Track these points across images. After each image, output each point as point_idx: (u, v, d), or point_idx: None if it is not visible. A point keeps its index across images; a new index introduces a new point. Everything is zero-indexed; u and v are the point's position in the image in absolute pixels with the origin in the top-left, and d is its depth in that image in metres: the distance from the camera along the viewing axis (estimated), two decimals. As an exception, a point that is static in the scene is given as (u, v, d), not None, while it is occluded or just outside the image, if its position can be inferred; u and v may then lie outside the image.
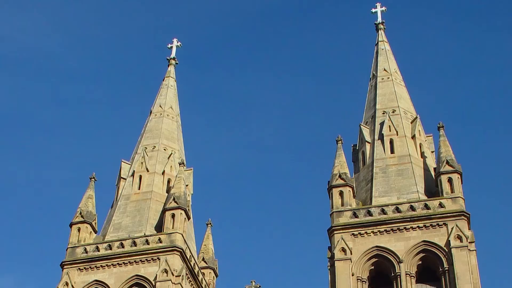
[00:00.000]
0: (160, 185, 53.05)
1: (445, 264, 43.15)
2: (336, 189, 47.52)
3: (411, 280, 43.44)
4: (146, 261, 47.48)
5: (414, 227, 44.84)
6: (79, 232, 49.97)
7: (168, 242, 47.92)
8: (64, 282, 47.43)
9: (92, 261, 48.12)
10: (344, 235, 45.26)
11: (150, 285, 46.47)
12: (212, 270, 54.27)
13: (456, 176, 46.51)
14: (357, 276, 43.95)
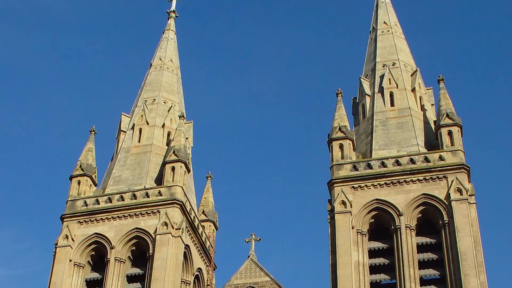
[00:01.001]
0: (160, 138, 51.99)
1: (445, 217, 42.27)
2: (336, 142, 46.50)
3: (411, 233, 42.58)
4: (146, 214, 46.54)
5: (414, 180, 43.94)
6: (79, 185, 49.06)
7: (168, 195, 46.96)
8: (64, 235, 46.55)
9: (92, 214, 47.22)
10: (344, 188, 44.37)
11: (150, 238, 45.56)
12: (212, 223, 53.38)
13: (456, 129, 45.54)
14: (357, 229, 43.09)
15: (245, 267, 43.74)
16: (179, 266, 45.21)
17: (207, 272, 50.40)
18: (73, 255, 45.83)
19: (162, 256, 44.27)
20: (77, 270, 45.70)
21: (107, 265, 45.29)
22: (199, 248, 49.52)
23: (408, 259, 41.49)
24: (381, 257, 42.69)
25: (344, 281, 40.95)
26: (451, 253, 40.94)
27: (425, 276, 41.70)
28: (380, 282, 42.16)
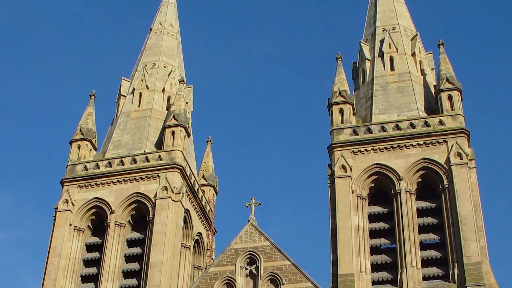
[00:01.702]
0: (160, 102, 50.99)
1: (445, 181, 41.49)
2: (336, 107, 45.55)
3: (411, 197, 41.84)
4: (146, 178, 45.64)
5: (414, 144, 43.10)
6: (79, 150, 48.13)
7: (168, 159, 46.06)
8: (64, 200, 45.73)
9: (92, 179, 46.35)
10: (344, 153, 43.51)
11: (150, 202, 44.72)
12: (212, 187, 52.56)
13: (456, 93, 44.61)
14: (357, 193, 42.34)
15: (245, 232, 42.90)
16: (179, 230, 44.50)
17: (207, 236, 49.77)
18: (73, 219, 45.05)
19: (162, 220, 43.48)
20: (77, 234, 44.97)
21: (107, 230, 44.54)
22: (199, 212, 48.79)
23: (408, 223, 40.79)
24: (381, 222, 42.02)
25: (344, 246, 40.31)
26: (451, 218, 40.26)
27: (425, 241, 41.03)
28: (380, 246, 41.45)
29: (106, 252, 43.69)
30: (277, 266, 41.02)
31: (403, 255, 39.84)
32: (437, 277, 39.43)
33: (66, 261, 43.70)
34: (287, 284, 40.26)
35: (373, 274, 40.23)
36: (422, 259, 40.03)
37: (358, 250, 40.30)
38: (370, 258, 40.64)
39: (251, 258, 41.73)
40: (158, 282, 41.36)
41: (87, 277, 43.94)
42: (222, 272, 41.50)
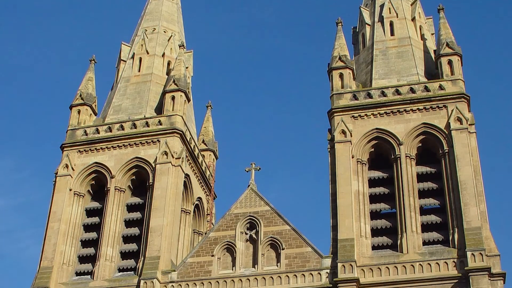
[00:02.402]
0: (160, 67, 49.82)
1: (445, 146, 40.71)
2: (336, 72, 44.52)
3: (411, 162, 41.04)
4: (146, 143, 44.65)
5: (414, 109, 42.21)
6: (79, 114, 47.02)
7: (168, 124, 45.00)
8: (64, 164, 44.72)
9: (92, 143, 45.31)
10: (344, 117, 42.62)
11: (150, 167, 43.76)
12: (212, 152, 51.61)
13: (456, 58, 43.61)
14: (357, 158, 41.51)
15: (245, 197, 42.00)
16: (179, 195, 43.65)
17: (207, 201, 48.98)
18: (73, 184, 44.19)
19: (162, 185, 42.62)
20: (77, 199, 44.11)
21: (107, 195, 43.68)
22: (199, 177, 47.89)
23: (408, 188, 40.10)
24: (381, 186, 41.27)
25: (344, 210, 39.61)
26: (451, 183, 39.58)
27: (425, 205, 40.36)
28: (380, 211, 40.75)
29: (106, 217, 42.85)
30: (277, 231, 40.26)
31: (403, 220, 39.14)
32: (437, 242, 38.72)
33: (66, 226, 42.89)
34: (287, 249, 39.49)
35: (373, 239, 39.55)
36: (422, 224, 39.33)
37: (358, 215, 39.61)
38: (370, 223, 39.96)
39: (251, 223, 40.95)
40: (158, 247, 40.60)
41: (87, 242, 43.15)
42: (222, 237, 40.73)
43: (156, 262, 40.04)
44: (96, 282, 40.70)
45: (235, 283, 39.07)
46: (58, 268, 41.46)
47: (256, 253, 39.93)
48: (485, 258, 36.50)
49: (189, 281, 39.62)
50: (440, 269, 37.22)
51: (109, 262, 41.50)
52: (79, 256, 42.58)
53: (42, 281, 40.64)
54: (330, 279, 37.91)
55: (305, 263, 38.83)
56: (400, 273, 37.51)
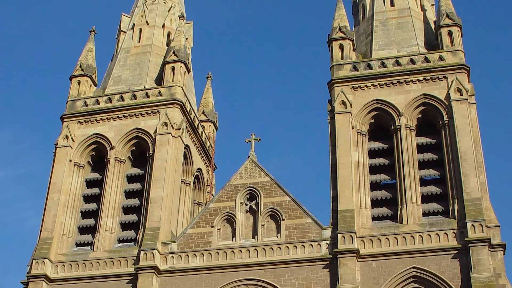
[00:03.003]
0: (160, 38, 48.76)
1: (445, 117, 39.87)
2: (336, 42, 43.50)
3: (411, 133, 40.22)
4: (146, 114, 43.67)
5: (414, 80, 41.27)
6: (79, 85, 46.00)
7: (168, 95, 44.00)
8: (64, 135, 43.83)
9: (92, 114, 44.35)
10: (344, 88, 41.68)
11: (150, 138, 42.84)
12: (212, 123, 50.75)
13: (456, 29, 42.61)
14: (357, 129, 40.70)
15: (245, 168, 41.12)
16: (179, 166, 42.76)
17: (207, 172, 48.18)
18: (73, 155, 43.32)
19: (162, 156, 41.73)
20: (77, 170, 43.27)
21: (107, 165, 42.84)
22: (199, 148, 47.04)
23: (408, 159, 39.36)
24: (381, 157, 40.54)
25: (344, 181, 38.86)
26: (451, 153, 38.84)
27: (425, 176, 39.67)
28: (380, 182, 40.01)
29: (106, 188, 42.07)
30: (277, 202, 39.48)
31: (403, 191, 38.46)
32: (437, 212, 38.07)
33: (66, 197, 42.12)
34: (287, 220, 38.71)
35: (373, 209, 38.88)
36: (422, 195, 38.64)
37: (358, 186, 38.93)
38: (370, 193, 39.27)
39: (251, 194, 40.16)
40: (158, 218, 39.83)
41: (87, 213, 42.39)
42: (222, 208, 39.95)
43: (156, 233, 39.24)
44: (96, 253, 39.93)
45: (235, 254, 38.31)
46: (58, 239, 40.72)
47: (256, 224, 39.16)
48: (485, 229, 35.79)
49: (189, 252, 38.83)
50: (440, 240, 36.45)
51: (109, 233, 40.75)
52: (79, 227, 41.83)
53: (42, 252, 39.89)
54: (330, 250, 37.19)
55: (305, 234, 38.04)
56: (400, 244, 36.74)
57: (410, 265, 35.95)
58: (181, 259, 38.76)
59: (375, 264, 36.42)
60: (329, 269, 36.72)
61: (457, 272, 35.40)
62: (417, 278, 35.76)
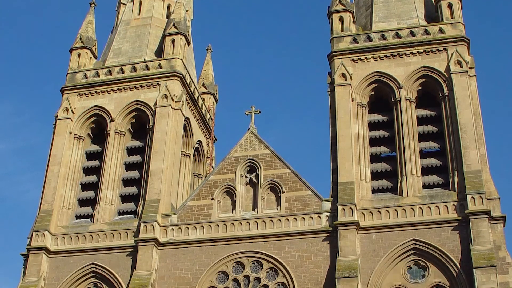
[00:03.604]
0: (160, 10, 47.53)
1: (445, 89, 38.91)
2: (336, 15, 42.39)
3: (411, 105, 39.28)
4: (146, 86, 42.58)
5: (414, 52, 40.25)
6: (79, 58, 44.90)
7: (168, 67, 42.89)
8: (64, 108, 42.78)
9: (92, 87, 43.27)
10: (344, 61, 40.64)
11: (150, 110, 41.80)
12: (212, 95, 49.66)
13: (456, 1, 41.65)
14: (357, 101, 39.71)
15: (245, 140, 40.12)
16: (179, 138, 41.82)
17: (207, 144, 47.24)
18: (73, 127, 42.36)
19: (162, 128, 40.75)
20: (77, 142, 42.30)
21: (107, 138, 41.86)
22: (199, 120, 46.07)
23: (408, 131, 38.51)
24: (381, 130, 39.67)
25: (344, 154, 37.95)
26: (451, 126, 38.00)
27: (425, 149, 38.78)
28: (380, 154, 39.09)
29: (106, 160, 41.12)
30: (277, 174, 38.56)
31: (403, 163, 37.62)
32: (437, 185, 37.25)
33: (66, 169, 41.18)
34: (287, 192, 37.81)
35: (373, 182, 38.05)
36: (422, 167, 37.82)
37: (358, 158, 38.06)
38: (370, 166, 38.45)
39: (251, 166, 39.24)
40: (158, 190, 38.93)
41: (87, 185, 41.50)
42: (222, 180, 39.04)
43: (156, 206, 38.35)
44: (96, 226, 39.08)
45: (235, 226, 37.43)
46: (58, 212, 39.82)
47: (256, 196, 38.25)
48: (485, 201, 35.01)
49: (189, 224, 37.95)
50: (440, 212, 35.65)
51: (109, 206, 39.86)
52: (79, 200, 40.91)
53: (42, 224, 39.00)
54: (330, 222, 36.32)
55: (305, 206, 37.13)
56: (400, 216, 35.93)
57: (410, 237, 35.15)
58: (181, 232, 37.91)
59: (375, 236, 35.62)
60: (329, 241, 35.90)
61: (457, 244, 34.63)
62: (417, 251, 34.97)
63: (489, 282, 32.76)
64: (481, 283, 32.76)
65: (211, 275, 36.51)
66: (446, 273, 34.27)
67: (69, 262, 38.08)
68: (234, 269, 36.57)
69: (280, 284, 35.78)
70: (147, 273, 36.38)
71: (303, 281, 35.29)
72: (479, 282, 32.80)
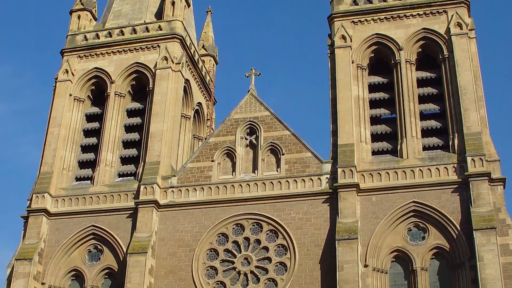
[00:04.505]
0: (160, -28, 45.51)
1: (445, 51, 37.34)
2: (336, -23, 40.68)
3: (411, 67, 37.73)
4: (146, 48, 40.93)
5: (414, 14, 38.60)
6: (79, 20, 43.17)
7: (168, 29, 41.18)
8: (64, 70, 41.13)
9: (92, 49, 41.60)
10: (344, 23, 39.00)
11: (150, 72, 40.16)
12: (212, 57, 47.97)
13: None
14: (357, 63, 38.14)
15: (245, 102, 38.56)
16: (179, 100, 40.25)
17: (207, 106, 45.65)
18: (73, 89, 40.76)
19: (162, 90, 39.17)
20: (77, 104, 40.74)
21: (107, 100, 40.30)
22: (199, 82, 44.39)
23: (408, 93, 37.00)
24: (381, 92, 38.14)
25: (344, 115, 36.46)
26: (451, 88, 36.48)
27: (425, 111, 37.35)
28: (380, 116, 37.64)
29: (106, 122, 39.62)
30: (277, 136, 37.05)
31: (403, 125, 36.20)
32: (437, 147, 35.87)
33: (66, 131, 39.71)
34: (287, 154, 36.32)
35: (373, 144, 36.62)
36: (422, 129, 36.40)
37: (358, 120, 36.60)
38: (370, 128, 37.00)
39: (251, 128, 37.73)
40: (158, 152, 37.47)
41: (87, 147, 40.03)
42: (222, 142, 37.53)
43: (156, 167, 36.88)
44: (96, 187, 37.68)
45: (235, 188, 36.00)
46: (58, 173, 38.39)
47: (256, 159, 36.76)
48: (485, 163, 33.61)
49: (189, 186, 36.51)
50: (440, 174, 34.23)
51: (109, 168, 38.43)
52: (79, 162, 39.48)
53: (42, 186, 37.60)
54: (330, 184, 34.89)
55: (305, 169, 35.64)
56: (400, 178, 34.51)
57: (410, 199, 33.79)
58: (181, 194, 36.50)
59: (375, 198, 34.25)
60: (329, 203, 34.52)
61: (457, 206, 33.28)
62: (417, 213, 33.65)
63: (489, 244, 31.45)
64: (481, 245, 31.45)
65: (211, 237, 35.21)
66: (446, 235, 32.98)
67: (69, 224, 36.78)
68: (234, 231, 35.28)
69: (280, 246, 34.49)
70: (147, 235, 35.05)
71: (303, 243, 33.98)
72: (479, 244, 31.48)
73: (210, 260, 34.97)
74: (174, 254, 35.14)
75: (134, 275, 33.97)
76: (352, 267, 32.12)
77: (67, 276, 36.25)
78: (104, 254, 36.09)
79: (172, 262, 35.00)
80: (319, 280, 33.09)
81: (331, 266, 32.76)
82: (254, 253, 34.65)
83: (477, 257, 31.25)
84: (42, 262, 36.10)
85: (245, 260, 34.71)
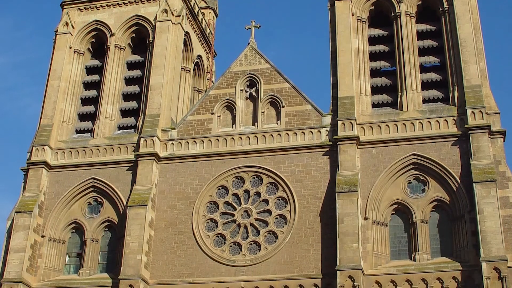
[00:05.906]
0: None
1: (445, 4, 35.06)
2: None
3: (411, 20, 35.44)
4: (146, 1, 38.55)
5: None
6: (80, -25, 40.43)
7: (168, -19, 38.59)
8: (64, 22, 38.70)
9: (92, 1, 39.15)
10: (345, -25, 36.52)
11: (150, 25, 37.76)
12: (212, 10, 45.16)
13: None
14: (357, 16, 35.75)
15: (245, 55, 36.24)
16: (179, 53, 37.90)
17: (207, 59, 43.17)
18: (73, 42, 38.40)
19: (162, 43, 36.82)
20: (77, 57, 38.36)
21: (107, 52, 37.94)
22: (199, 35, 41.89)
23: (408, 46, 34.74)
24: (381, 44, 35.82)
25: (344, 68, 34.18)
26: (451, 40, 34.24)
27: (425, 63, 35.06)
28: (380, 69, 35.36)
29: (106, 74, 37.28)
30: (277, 89, 34.78)
31: (403, 78, 33.99)
32: (437, 99, 33.70)
33: (66, 84, 37.39)
34: (287, 107, 34.11)
35: (373, 96, 34.44)
36: (422, 81, 34.18)
37: (358, 73, 34.36)
38: (370, 80, 34.78)
39: (251, 81, 35.45)
40: (158, 105, 35.27)
41: (87, 100, 37.77)
42: (222, 95, 35.28)
43: (156, 120, 34.70)
44: (96, 140, 35.52)
45: (235, 140, 33.84)
46: (58, 126, 36.21)
47: (256, 111, 34.57)
48: (485, 116, 31.54)
49: (189, 139, 34.35)
50: (440, 127, 32.15)
51: (109, 120, 36.23)
52: (79, 114, 37.23)
53: (42, 138, 35.43)
54: (330, 136, 32.76)
55: (305, 121, 33.46)
56: (400, 131, 32.43)
57: (410, 152, 31.73)
58: (181, 146, 34.35)
59: (375, 151, 32.14)
60: (329, 156, 32.42)
61: (457, 159, 31.23)
62: (417, 165, 31.61)
63: (489, 197, 29.52)
64: (481, 198, 29.52)
65: (211, 190, 33.18)
66: (446, 188, 30.98)
67: (69, 177, 34.67)
68: (234, 184, 33.23)
69: (280, 198, 32.46)
70: (147, 188, 33.00)
71: (303, 196, 31.96)
72: (479, 197, 29.55)
73: (210, 213, 33.00)
74: (174, 207, 33.15)
75: (134, 227, 32.05)
76: (352, 219, 30.19)
77: (67, 228, 34.28)
78: (104, 207, 34.09)
79: (172, 215, 33.02)
80: (319, 232, 31.12)
81: (331, 218, 30.83)
82: (254, 206, 32.67)
83: (477, 210, 29.34)
84: (42, 215, 34.07)
85: (245, 212, 32.75)
